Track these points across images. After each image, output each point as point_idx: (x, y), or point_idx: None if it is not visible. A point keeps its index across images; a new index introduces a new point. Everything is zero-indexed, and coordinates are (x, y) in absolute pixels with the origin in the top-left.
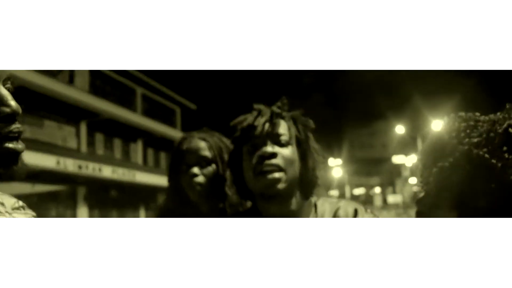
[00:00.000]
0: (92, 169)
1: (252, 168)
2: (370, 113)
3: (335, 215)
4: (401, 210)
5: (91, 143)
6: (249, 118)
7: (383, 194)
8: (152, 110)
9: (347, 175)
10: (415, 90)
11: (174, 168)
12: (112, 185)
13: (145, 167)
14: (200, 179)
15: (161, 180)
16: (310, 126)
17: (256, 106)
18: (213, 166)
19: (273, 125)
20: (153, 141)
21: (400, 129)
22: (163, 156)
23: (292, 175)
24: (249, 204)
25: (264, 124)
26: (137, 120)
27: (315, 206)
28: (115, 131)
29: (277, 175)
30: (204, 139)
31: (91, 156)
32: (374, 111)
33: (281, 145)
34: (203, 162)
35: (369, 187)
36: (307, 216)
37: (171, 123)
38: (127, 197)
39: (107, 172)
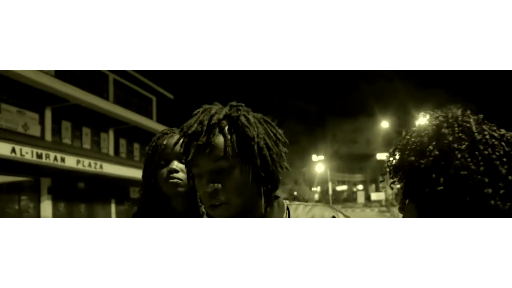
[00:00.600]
0: (53, 158)
1: (202, 195)
2: (355, 108)
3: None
4: (384, 208)
5: (57, 131)
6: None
7: (366, 191)
8: (126, 99)
9: (329, 171)
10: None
11: (151, 163)
12: (80, 177)
13: (116, 158)
14: (180, 175)
15: (134, 173)
16: (253, 130)
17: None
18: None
19: (209, 153)
20: (126, 131)
21: (385, 125)
22: (137, 147)
23: (245, 196)
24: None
25: (199, 154)
26: (109, 108)
27: (288, 211)
28: (84, 119)
29: (220, 210)
30: None
31: (54, 145)
32: (359, 106)
33: (223, 173)
34: (182, 158)
35: (352, 184)
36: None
37: (146, 112)
38: (97, 190)
39: (71, 162)
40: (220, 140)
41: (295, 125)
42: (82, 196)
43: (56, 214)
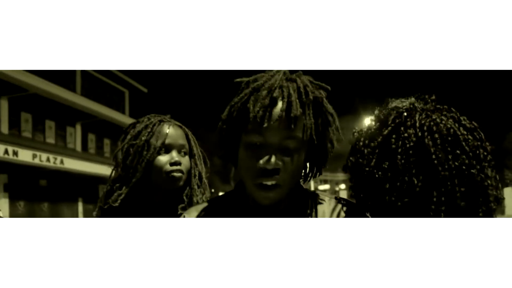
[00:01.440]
0: (4, 152)
1: (249, 171)
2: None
3: (337, 215)
4: None
5: (15, 123)
6: (257, 107)
7: (349, 190)
8: (96, 91)
9: None
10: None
11: (138, 154)
12: (41, 173)
13: (81, 153)
14: (182, 167)
15: (104, 170)
16: (333, 121)
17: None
18: (187, 158)
19: (287, 126)
20: (96, 126)
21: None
22: (107, 142)
23: (293, 183)
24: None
25: (276, 122)
26: (75, 100)
27: (311, 200)
28: (46, 111)
29: (273, 193)
30: (180, 127)
31: (8, 137)
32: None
33: (289, 153)
34: (181, 151)
35: (335, 183)
36: (303, 213)
37: (118, 106)
38: (61, 187)
39: (26, 156)
40: (302, 123)
41: None
42: (44, 194)
43: (14, 213)
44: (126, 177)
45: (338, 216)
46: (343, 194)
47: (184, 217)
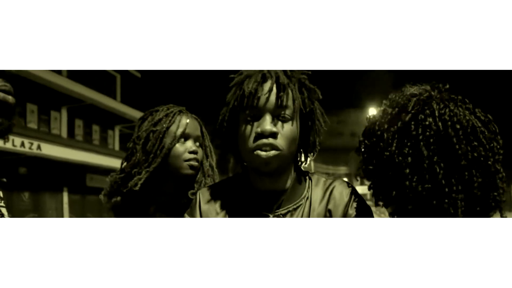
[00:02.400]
0: None
1: (248, 141)
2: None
3: (329, 195)
4: (370, 202)
5: None
6: (250, 82)
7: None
8: (83, 75)
9: (313, 163)
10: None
11: (159, 140)
12: (20, 161)
13: (71, 140)
14: (199, 156)
15: (92, 158)
16: (317, 96)
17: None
18: (201, 148)
19: (279, 98)
20: (84, 111)
21: (373, 112)
22: (96, 129)
23: (291, 152)
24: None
25: (268, 94)
26: (62, 84)
27: (310, 182)
28: (30, 95)
29: (273, 153)
30: (196, 119)
31: None
32: (344, 98)
33: (284, 120)
34: (197, 141)
35: (337, 176)
36: (300, 194)
37: (109, 91)
38: (44, 176)
39: (2, 142)
40: (291, 93)
41: None
42: (24, 183)
43: None
44: (146, 162)
45: (330, 194)
46: None
47: (197, 195)
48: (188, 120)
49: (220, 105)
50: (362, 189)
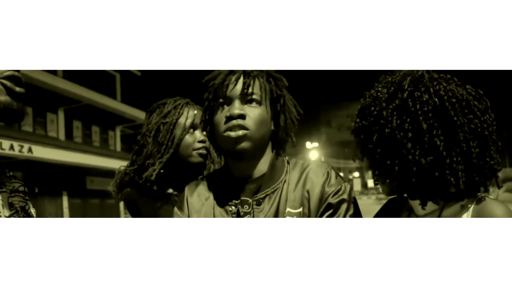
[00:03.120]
0: None
1: (220, 125)
2: (350, 94)
3: (306, 177)
4: (381, 195)
5: None
6: (220, 76)
7: (362, 179)
8: (82, 74)
9: (324, 158)
10: None
11: (170, 132)
12: (13, 164)
13: (69, 143)
14: (207, 144)
15: (92, 160)
16: (283, 83)
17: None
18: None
19: (244, 84)
20: (82, 112)
21: None
22: (96, 130)
23: (261, 135)
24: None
25: (235, 82)
26: (58, 84)
27: (288, 164)
28: (24, 97)
29: (241, 132)
30: (202, 110)
31: None
32: (354, 91)
33: (251, 103)
34: (204, 131)
35: (348, 171)
36: (278, 177)
37: (109, 91)
38: (43, 180)
39: None
40: (258, 81)
41: None
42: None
43: None
44: (158, 153)
45: (306, 175)
46: (357, 182)
47: (185, 189)
48: (195, 111)
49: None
50: (369, 183)
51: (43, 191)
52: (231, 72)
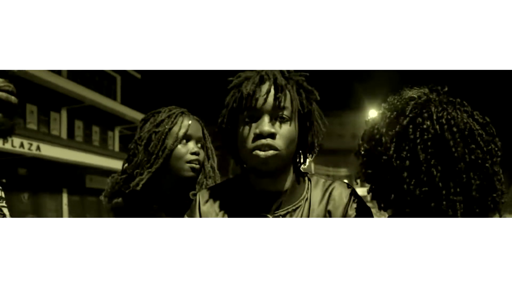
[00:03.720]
0: None
1: (247, 142)
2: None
3: (328, 196)
4: (370, 204)
5: None
6: (248, 84)
7: (357, 178)
8: (84, 75)
9: (314, 165)
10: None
11: (161, 142)
12: (19, 161)
13: (70, 141)
14: (200, 157)
15: (92, 159)
16: (315, 97)
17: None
18: (202, 150)
19: (277, 99)
20: (84, 112)
21: (373, 114)
22: (96, 130)
23: (289, 153)
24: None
25: (266, 95)
26: (62, 84)
27: (310, 182)
28: (30, 95)
29: (271, 153)
30: (198, 121)
31: None
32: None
33: (282, 120)
34: (199, 143)
35: (337, 178)
36: (299, 195)
37: (109, 92)
38: (44, 177)
39: (2, 142)
40: (289, 93)
41: None
42: (24, 184)
43: None
44: (148, 162)
45: (329, 195)
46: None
47: (197, 196)
48: (190, 122)
49: (220, 106)
50: (362, 191)
51: (44, 188)
52: (261, 80)
